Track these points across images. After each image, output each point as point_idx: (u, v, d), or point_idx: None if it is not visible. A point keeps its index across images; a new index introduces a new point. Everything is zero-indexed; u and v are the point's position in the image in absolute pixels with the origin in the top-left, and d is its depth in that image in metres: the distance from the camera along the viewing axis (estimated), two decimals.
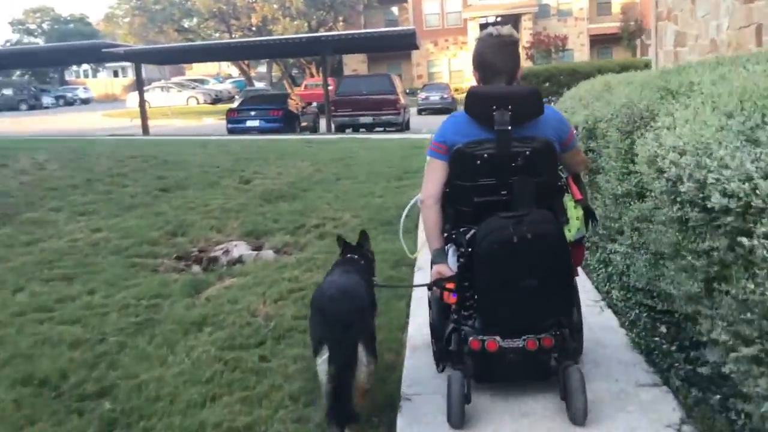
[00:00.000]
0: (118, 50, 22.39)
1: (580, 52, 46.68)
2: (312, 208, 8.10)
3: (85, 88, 67.93)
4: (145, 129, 23.39)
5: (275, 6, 38.32)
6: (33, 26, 76.43)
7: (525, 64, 45.37)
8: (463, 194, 2.95)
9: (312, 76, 40.94)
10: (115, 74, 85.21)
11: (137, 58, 23.11)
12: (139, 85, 23.68)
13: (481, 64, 3.02)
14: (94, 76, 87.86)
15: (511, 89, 2.98)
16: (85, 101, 61.62)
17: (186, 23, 43.77)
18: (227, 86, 52.81)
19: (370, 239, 3.79)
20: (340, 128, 21.84)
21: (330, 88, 22.71)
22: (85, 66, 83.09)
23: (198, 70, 74.65)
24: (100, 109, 46.62)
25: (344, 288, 3.05)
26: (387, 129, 21.79)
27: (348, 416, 2.73)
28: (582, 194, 3.14)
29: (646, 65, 12.99)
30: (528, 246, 2.70)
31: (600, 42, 47.29)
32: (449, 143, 2.95)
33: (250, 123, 21.67)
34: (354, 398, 2.79)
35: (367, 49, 27.79)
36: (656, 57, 11.98)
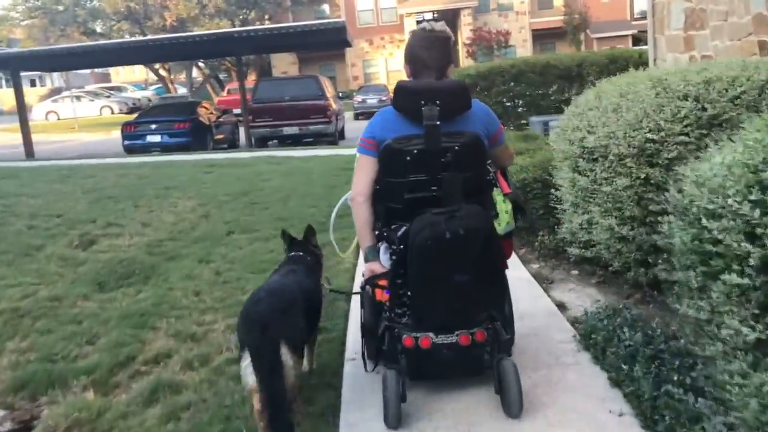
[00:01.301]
0: None
1: (523, 48, 44.32)
2: (163, 307, 4.77)
3: None
4: (29, 151, 19.38)
5: (192, 4, 34.38)
6: None
7: (465, 61, 42.97)
8: (393, 191, 2.92)
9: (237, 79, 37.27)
10: (32, 83, 79.35)
11: (11, 64, 19.07)
12: (19, 97, 19.62)
13: (412, 58, 2.97)
14: (8, 86, 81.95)
15: (438, 83, 2.91)
16: None
17: (96, 26, 39.41)
18: (148, 94, 48.54)
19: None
20: (261, 141, 18.40)
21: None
22: None
23: (125, 76, 69.67)
24: (10, 122, 42.12)
25: (272, 288, 2.97)
26: (317, 140, 18.46)
27: (282, 426, 2.58)
28: (510, 188, 3.15)
29: (641, 56, 10.05)
30: (461, 241, 2.67)
31: (543, 37, 45.09)
32: (378, 139, 2.91)
33: (150, 138, 18.00)
34: (288, 407, 2.65)
35: (291, 47, 24.30)
36: (654, 44, 8.98)
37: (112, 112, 42.28)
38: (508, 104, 10.27)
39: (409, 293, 2.87)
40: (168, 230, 7.14)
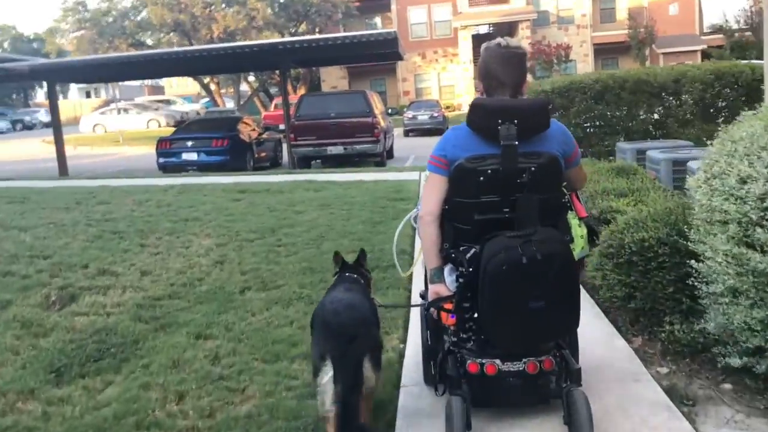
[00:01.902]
0: (21, 66, 17.41)
1: (584, 63, 42.35)
2: (127, 422, 3.32)
3: (47, 111, 63.26)
4: (62, 168, 18.40)
5: (240, 16, 33.50)
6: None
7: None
8: (463, 211, 2.84)
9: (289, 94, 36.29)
10: (87, 95, 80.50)
11: (47, 75, 18.16)
12: (53, 111, 18.74)
13: (486, 75, 2.88)
14: (65, 96, 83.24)
15: (518, 102, 2.84)
16: (48, 125, 57.21)
17: (145, 38, 38.97)
18: (196, 107, 48.03)
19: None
20: (304, 161, 17.03)
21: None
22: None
23: (179, 89, 69.73)
24: (65, 132, 42.04)
25: (346, 301, 2.97)
26: (364, 160, 17.02)
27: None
28: (585, 211, 3.08)
29: (753, 70, 8.28)
30: (537, 266, 2.59)
31: (605, 52, 43.01)
32: (450, 158, 2.82)
33: (186, 156, 16.80)
34: (361, 416, 2.67)
35: (339, 60, 22.92)
36: None
37: (159, 126, 41.68)
38: (587, 126, 8.62)
39: (475, 317, 2.79)
40: (170, 282, 5.71)
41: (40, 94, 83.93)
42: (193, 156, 16.75)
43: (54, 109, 18.78)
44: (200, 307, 5.07)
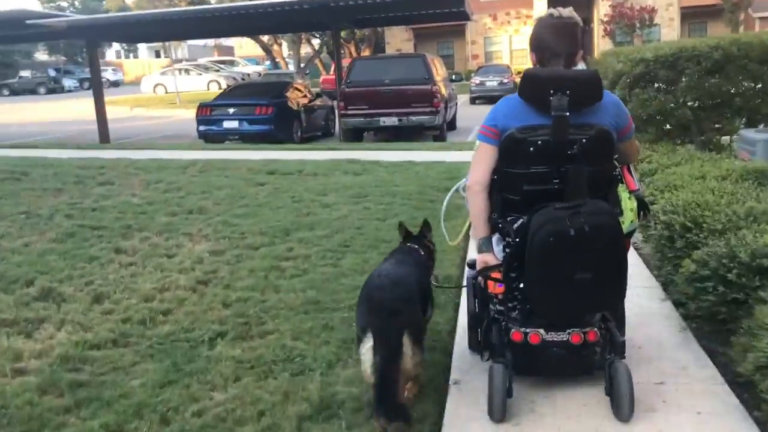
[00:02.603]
0: (59, 23, 16.15)
1: (669, 28, 38.98)
2: None
3: (114, 70, 63.61)
4: (104, 135, 17.26)
5: None
6: (64, 3, 71.79)
7: (601, 42, 38.24)
8: (512, 182, 2.80)
9: (351, 56, 34.55)
10: (157, 54, 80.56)
11: (85, 32, 16.89)
12: (94, 73, 17.53)
13: (538, 45, 2.85)
14: (135, 56, 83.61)
15: (570, 72, 2.81)
16: (115, 84, 57.60)
17: None
18: (259, 68, 46.83)
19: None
20: (354, 133, 15.36)
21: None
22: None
23: (247, 49, 68.67)
24: (131, 92, 41.77)
25: (393, 276, 2.98)
26: (422, 132, 15.25)
27: (396, 411, 2.61)
28: (636, 184, 3.03)
29: None
30: (585, 238, 2.58)
31: (693, 16, 39.56)
32: (501, 127, 2.78)
33: (227, 124, 15.37)
34: (400, 391, 2.71)
35: (398, 20, 20.82)
36: None
37: (219, 87, 40.62)
38: (700, 107, 6.65)
39: (522, 287, 2.79)
40: (125, 317, 4.18)
41: (110, 53, 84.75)
42: (234, 124, 15.32)
43: (95, 71, 17.59)
44: (145, 368, 3.52)
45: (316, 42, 39.67)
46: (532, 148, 2.70)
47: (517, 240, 2.74)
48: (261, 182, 8.44)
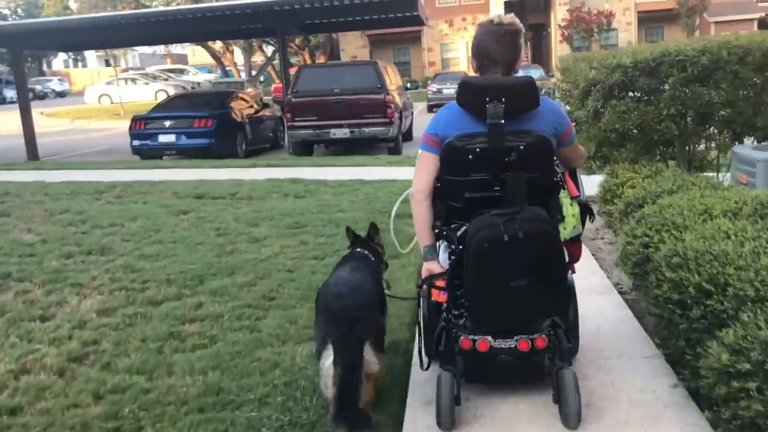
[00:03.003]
0: None
1: (626, 32, 38.92)
2: None
3: (60, 80, 61.42)
4: (32, 152, 15.90)
5: None
6: (5, 11, 69.22)
7: (559, 47, 37.80)
8: (454, 189, 2.80)
9: (305, 63, 33.43)
10: (107, 63, 78.12)
11: (8, 41, 15.44)
12: (20, 82, 16.19)
13: (478, 52, 2.84)
14: (84, 65, 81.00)
15: (505, 80, 2.79)
16: (61, 94, 55.63)
17: (152, 1, 36.22)
18: (210, 77, 45.32)
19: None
20: (303, 147, 14.27)
21: None
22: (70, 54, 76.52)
23: (201, 57, 66.70)
24: (77, 103, 39.89)
25: (350, 283, 2.94)
26: (376, 144, 14.27)
27: (358, 418, 2.58)
28: (578, 190, 3.03)
29: None
30: (519, 245, 2.57)
31: (650, 20, 39.47)
32: (441, 136, 2.79)
33: (163, 139, 14.14)
34: (362, 400, 2.65)
35: (349, 25, 19.73)
36: None
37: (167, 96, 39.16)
38: (686, 120, 5.77)
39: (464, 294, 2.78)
40: None
41: (57, 62, 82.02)
42: (170, 138, 14.10)
43: (21, 83, 16.25)
44: None
45: (270, 49, 38.50)
46: (470, 156, 2.70)
47: (461, 247, 2.72)
48: (185, 209, 7.33)
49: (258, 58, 40.23)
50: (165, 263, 5.32)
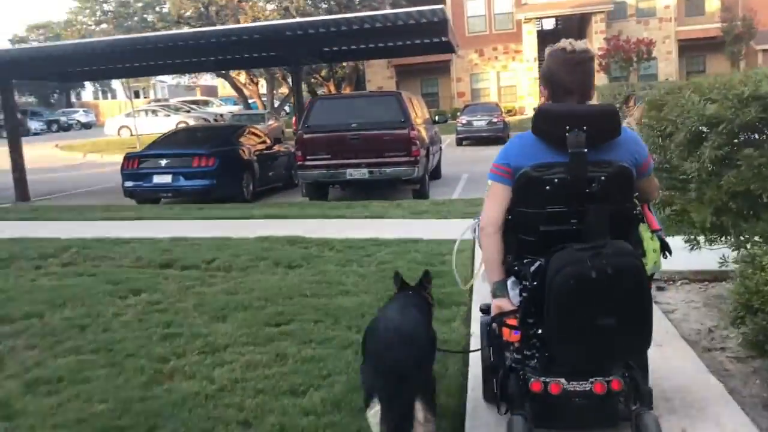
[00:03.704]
0: None
1: (666, 61, 36.85)
2: None
3: (86, 111, 61.03)
4: (22, 192, 14.38)
5: (273, 6, 29.24)
6: (35, 43, 69.36)
7: (597, 77, 35.58)
8: (528, 222, 2.63)
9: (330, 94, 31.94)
10: (136, 95, 77.91)
11: None
12: (9, 115, 14.65)
13: (550, 81, 2.69)
14: (114, 96, 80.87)
15: (587, 108, 2.64)
16: (87, 126, 54.87)
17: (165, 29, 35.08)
18: (235, 109, 44.12)
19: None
20: (316, 189, 12.48)
21: None
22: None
23: (231, 90, 65.94)
24: (100, 135, 38.95)
25: (403, 330, 2.69)
26: (399, 186, 12.43)
27: None
28: (658, 224, 2.87)
29: None
30: (608, 281, 2.37)
31: (691, 49, 37.33)
32: (513, 166, 2.62)
33: (159, 179, 12.45)
34: None
35: (372, 52, 17.86)
36: None
37: None
38: None
39: (540, 334, 2.57)
40: None
41: (87, 93, 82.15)
42: (166, 179, 12.40)
43: (10, 116, 14.68)
44: None
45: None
46: (548, 187, 2.52)
47: (535, 283, 2.51)
48: (138, 288, 5.49)
49: (285, 90, 38.97)
50: (59, 401, 3.44)
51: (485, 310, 2.94)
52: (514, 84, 38.48)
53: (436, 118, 14.99)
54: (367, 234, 7.40)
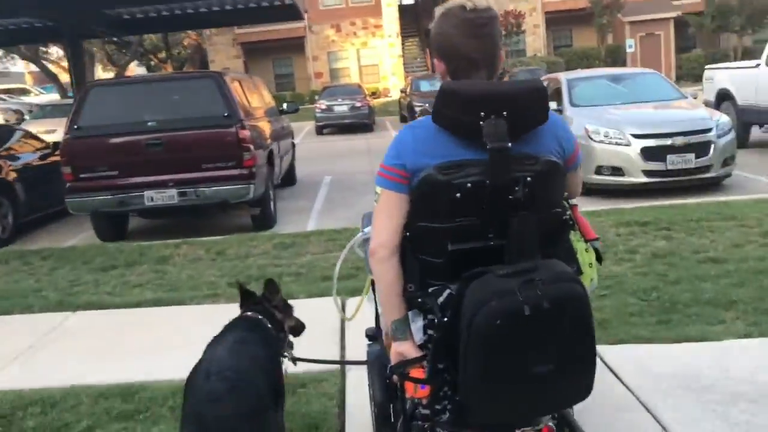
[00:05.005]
0: None
1: (534, 36, 34.89)
2: None
3: None
4: None
5: None
6: None
7: None
8: (431, 239, 1.99)
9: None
10: None
11: None
12: None
13: (448, 51, 2.02)
14: None
15: (508, 86, 2.19)
16: None
17: None
18: (55, 98, 37.78)
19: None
20: (107, 224, 8.29)
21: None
22: None
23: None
24: None
25: (232, 375, 2.13)
26: (230, 211, 8.45)
27: None
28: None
29: None
30: (545, 318, 1.76)
31: (558, 21, 35.54)
32: (411, 167, 1.95)
33: None
34: None
35: (179, 20, 13.11)
36: None
37: None
38: None
39: (451, 381, 1.99)
40: None
41: None
42: None
43: None
44: None
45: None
46: (459, 194, 1.91)
47: (445, 319, 1.91)
48: None
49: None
50: None
51: (372, 336, 2.60)
52: (376, 63, 35.23)
53: (285, 106, 11.00)
54: (128, 367, 3.49)
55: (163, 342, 4.10)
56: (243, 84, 9.10)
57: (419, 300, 2.04)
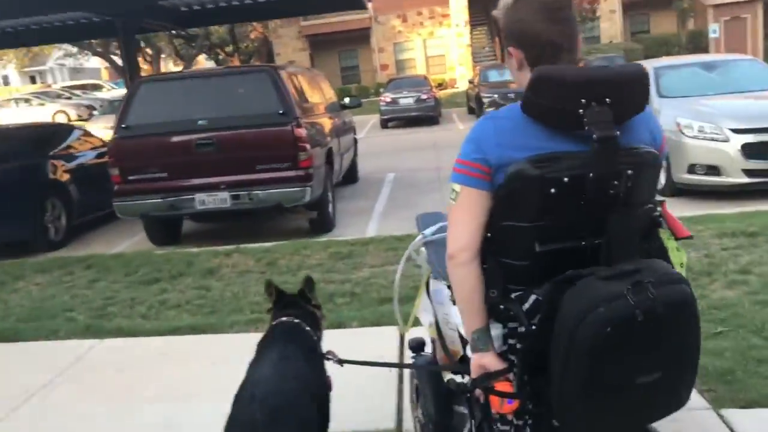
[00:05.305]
0: None
1: (610, 22, 33.37)
2: None
3: None
4: None
5: None
6: None
7: None
8: (518, 241, 1.81)
9: None
10: (32, 80, 70.28)
11: None
12: None
13: (528, 38, 1.85)
14: (5, 83, 72.95)
15: (610, 71, 1.82)
16: None
17: None
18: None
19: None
20: (158, 228, 7.90)
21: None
22: None
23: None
24: None
25: (275, 400, 1.95)
26: (286, 214, 7.91)
27: None
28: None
29: None
30: (657, 323, 1.62)
31: (635, 6, 33.88)
32: (494, 161, 1.77)
33: None
34: None
35: (240, 11, 12.73)
36: None
37: (69, 119, 32.25)
38: None
39: (538, 394, 1.84)
40: None
41: None
42: None
43: None
44: None
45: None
46: (553, 189, 1.72)
47: (533, 327, 1.75)
48: None
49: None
50: None
51: (415, 347, 2.55)
52: (443, 53, 34.34)
53: (346, 100, 10.40)
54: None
55: (190, 384, 3.55)
56: (301, 78, 8.54)
57: (501, 307, 1.87)
